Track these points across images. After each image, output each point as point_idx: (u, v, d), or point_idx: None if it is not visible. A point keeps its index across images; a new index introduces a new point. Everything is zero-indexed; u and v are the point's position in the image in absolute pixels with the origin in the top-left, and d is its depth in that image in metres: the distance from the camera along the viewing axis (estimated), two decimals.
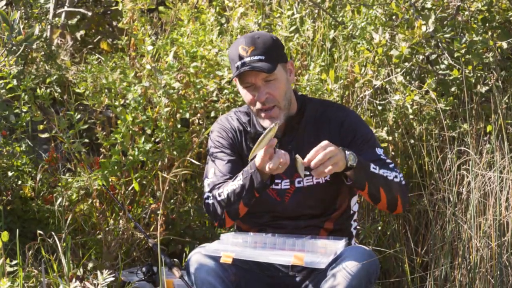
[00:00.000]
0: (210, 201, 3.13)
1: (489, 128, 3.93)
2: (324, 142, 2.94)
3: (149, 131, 3.98)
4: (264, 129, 3.17)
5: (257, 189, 3.02)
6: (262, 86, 3.09)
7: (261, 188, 3.02)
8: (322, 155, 2.91)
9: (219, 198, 3.09)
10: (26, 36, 3.44)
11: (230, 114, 3.30)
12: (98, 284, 3.02)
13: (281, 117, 3.11)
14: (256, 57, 3.06)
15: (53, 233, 3.62)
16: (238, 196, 3.04)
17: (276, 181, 3.16)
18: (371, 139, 3.17)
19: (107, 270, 3.14)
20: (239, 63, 3.08)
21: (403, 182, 3.11)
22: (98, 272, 3.13)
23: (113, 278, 3.17)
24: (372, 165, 3.04)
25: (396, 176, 3.09)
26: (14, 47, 3.42)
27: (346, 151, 2.97)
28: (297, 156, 2.96)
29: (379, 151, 3.15)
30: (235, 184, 3.05)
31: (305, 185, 3.16)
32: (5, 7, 4.08)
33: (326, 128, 3.17)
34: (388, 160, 3.14)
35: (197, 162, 4.01)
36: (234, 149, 3.21)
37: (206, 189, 3.17)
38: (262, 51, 3.07)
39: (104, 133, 4.11)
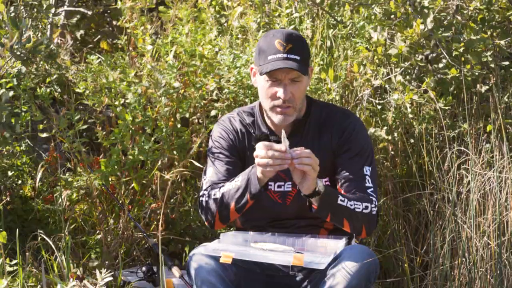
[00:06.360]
0: (204, 199, 3.13)
1: (488, 127, 3.93)
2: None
3: (149, 131, 3.98)
4: (269, 128, 3.19)
5: (251, 194, 3.02)
6: (288, 84, 3.07)
7: (255, 194, 3.02)
8: (308, 157, 2.92)
9: (213, 197, 3.09)
10: (35, 44, 3.45)
11: (232, 114, 3.28)
12: (96, 284, 3.03)
13: (292, 118, 3.12)
14: (293, 56, 3.04)
15: (52, 233, 3.63)
16: (232, 197, 3.04)
17: (279, 183, 3.17)
18: (365, 154, 3.15)
19: (105, 270, 3.15)
20: (274, 56, 3.04)
21: (374, 212, 3.09)
22: (97, 271, 3.14)
23: (111, 278, 3.18)
24: (340, 198, 3.02)
25: (366, 207, 3.06)
26: (22, 54, 3.43)
27: (319, 181, 2.97)
28: (283, 130, 2.98)
29: (367, 170, 3.13)
30: (232, 185, 3.06)
31: None
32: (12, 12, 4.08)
33: (328, 132, 3.17)
34: (369, 184, 3.12)
35: (197, 164, 4.01)
36: (234, 151, 3.20)
37: (203, 187, 3.18)
38: (299, 52, 3.06)
39: (104, 132, 4.11)
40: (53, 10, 4.11)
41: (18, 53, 3.41)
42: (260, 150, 2.94)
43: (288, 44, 3.05)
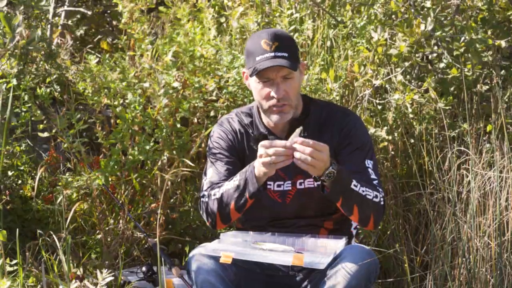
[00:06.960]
0: (205, 200, 3.13)
1: (489, 127, 3.93)
2: (325, 146, 2.93)
3: (149, 131, 3.98)
4: (267, 127, 3.18)
5: (250, 193, 3.01)
6: (280, 82, 3.06)
7: (254, 193, 3.01)
8: (309, 151, 2.90)
9: (213, 197, 3.09)
10: (28, 41, 3.44)
11: (231, 115, 3.28)
12: (97, 284, 3.03)
13: (290, 115, 3.11)
14: (280, 53, 3.03)
15: (52, 233, 3.62)
16: (231, 197, 3.04)
17: (279, 182, 3.17)
18: (365, 148, 3.15)
19: (106, 270, 3.14)
20: (262, 56, 3.03)
21: (382, 203, 3.08)
22: (98, 271, 3.14)
23: (112, 278, 3.18)
24: (354, 182, 3.00)
25: (376, 196, 3.05)
26: (16, 51, 3.43)
27: (331, 168, 2.94)
28: (301, 128, 2.96)
29: (369, 163, 3.12)
30: (230, 184, 3.05)
31: (306, 187, 3.16)
32: (6, 8, 4.07)
33: (329, 131, 3.16)
34: (374, 176, 3.11)
35: (192, 164, 4.00)
36: (234, 151, 3.20)
37: (203, 188, 3.18)
38: (286, 48, 3.04)
39: (104, 132, 4.11)
40: (43, 1, 4.09)
41: (11, 50, 3.41)
42: (262, 149, 2.94)
43: (274, 43, 3.04)
